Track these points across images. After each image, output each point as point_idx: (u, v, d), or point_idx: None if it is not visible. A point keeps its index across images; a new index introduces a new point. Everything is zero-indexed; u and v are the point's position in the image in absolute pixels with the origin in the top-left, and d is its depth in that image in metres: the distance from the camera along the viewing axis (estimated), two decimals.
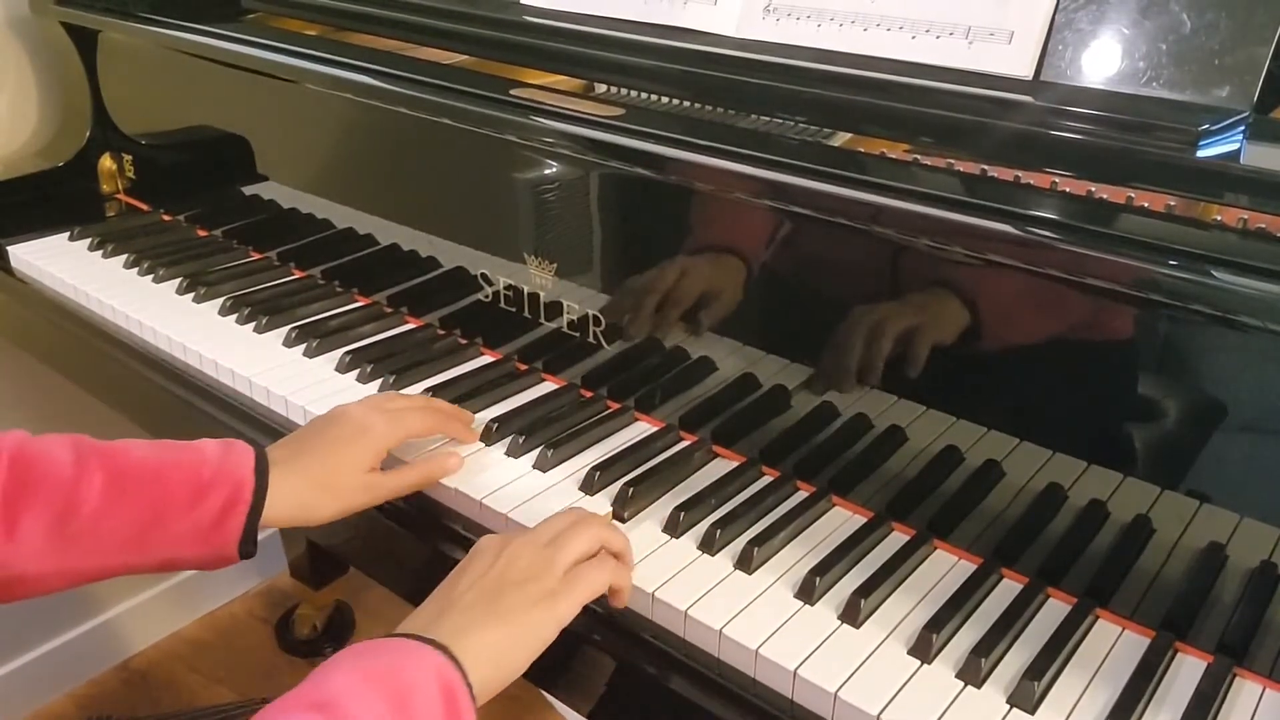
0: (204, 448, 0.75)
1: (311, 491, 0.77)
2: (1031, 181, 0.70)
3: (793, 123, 0.84)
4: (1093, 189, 0.68)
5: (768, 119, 0.85)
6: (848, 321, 0.77)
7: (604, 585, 0.69)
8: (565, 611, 0.67)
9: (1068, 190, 0.69)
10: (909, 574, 0.74)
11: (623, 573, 0.71)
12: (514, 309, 0.98)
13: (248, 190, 1.23)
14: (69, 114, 1.41)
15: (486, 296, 1.00)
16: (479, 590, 0.66)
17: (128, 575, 0.74)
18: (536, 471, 0.85)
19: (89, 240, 1.26)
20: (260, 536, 0.75)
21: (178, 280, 1.16)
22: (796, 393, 0.82)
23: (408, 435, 0.84)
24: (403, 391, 0.95)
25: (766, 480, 0.84)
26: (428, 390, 0.94)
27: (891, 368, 0.76)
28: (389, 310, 1.11)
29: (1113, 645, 0.68)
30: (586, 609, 0.72)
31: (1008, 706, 0.63)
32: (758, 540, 0.75)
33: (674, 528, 0.77)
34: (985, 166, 0.72)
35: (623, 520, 0.79)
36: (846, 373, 0.78)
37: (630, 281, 0.89)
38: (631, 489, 0.80)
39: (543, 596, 0.66)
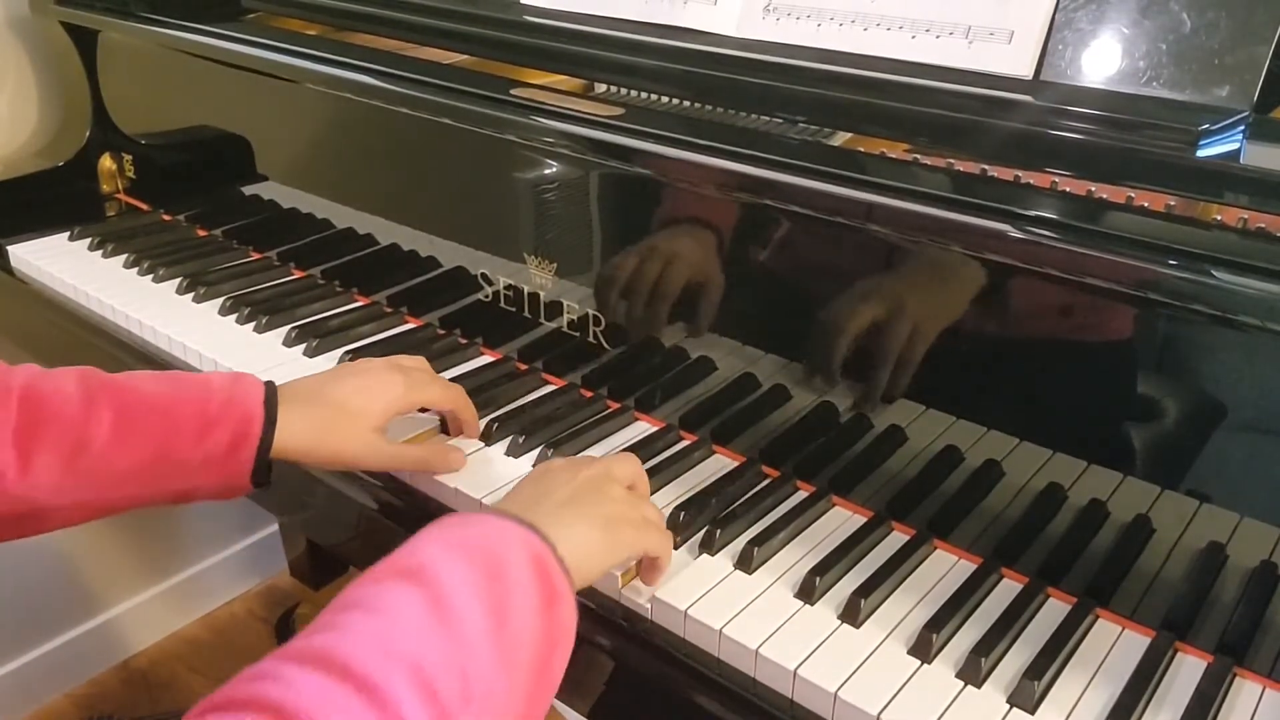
0: (212, 380, 0.77)
1: (317, 433, 0.77)
2: (1031, 181, 0.70)
3: (793, 123, 0.84)
4: (1093, 189, 0.68)
5: (768, 119, 0.85)
6: (847, 321, 0.77)
7: (665, 541, 0.71)
8: (644, 543, 0.69)
9: (1068, 190, 0.69)
10: (909, 574, 0.74)
11: (670, 548, 0.72)
12: (514, 309, 0.98)
13: (248, 190, 1.23)
14: (69, 114, 1.41)
15: (486, 296, 1.00)
16: (571, 493, 0.67)
17: (146, 506, 0.75)
18: None
19: (89, 240, 1.26)
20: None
21: (178, 280, 1.16)
22: (796, 392, 0.82)
23: (423, 403, 0.84)
24: None
25: (766, 480, 0.84)
26: None
27: (891, 367, 0.76)
28: (389, 310, 1.11)
29: (1113, 645, 0.68)
30: (585, 610, 0.72)
31: (1008, 706, 0.63)
32: (758, 540, 0.75)
33: (674, 528, 0.77)
34: (985, 166, 0.72)
35: None
36: (847, 372, 0.78)
37: (630, 280, 0.88)
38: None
39: (634, 520, 0.68)
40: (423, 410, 0.87)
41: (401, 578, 0.54)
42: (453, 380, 0.96)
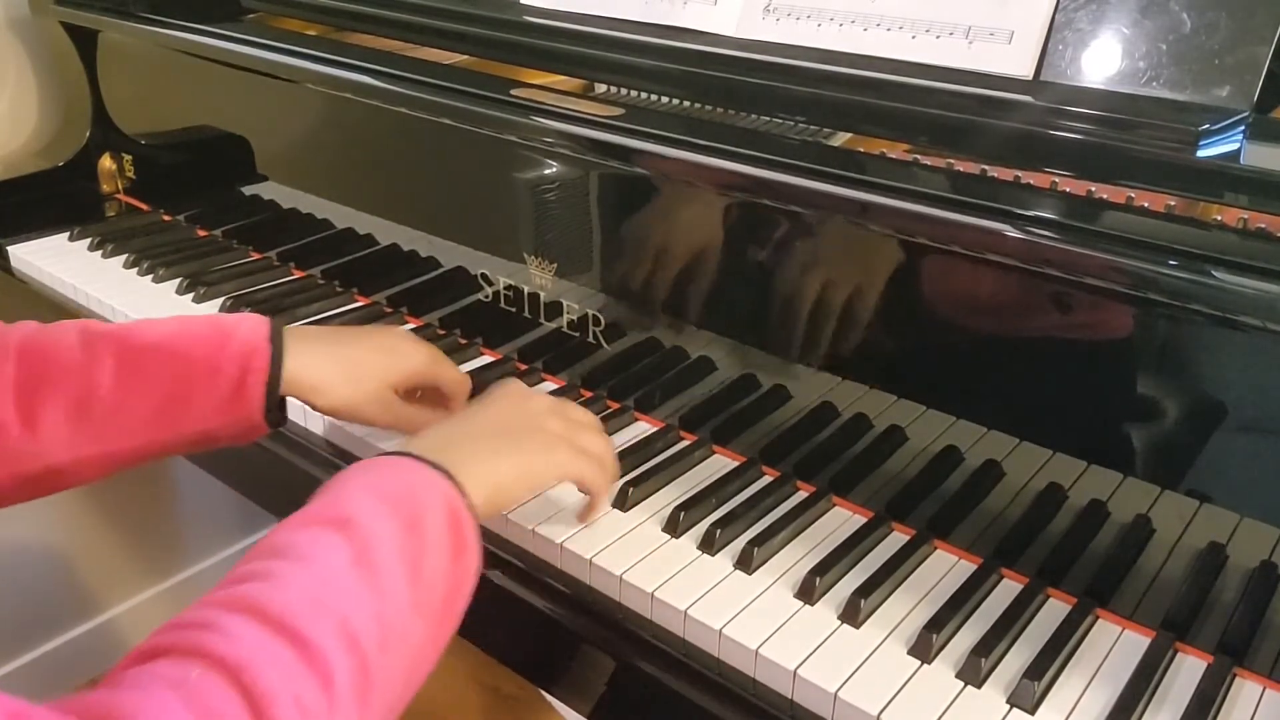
0: (214, 319, 0.77)
1: (330, 370, 0.77)
2: (1031, 181, 0.70)
3: (792, 123, 0.84)
4: (1092, 189, 0.68)
5: (768, 119, 0.85)
6: (847, 322, 0.77)
7: (600, 473, 0.73)
8: (566, 464, 0.71)
9: (1068, 190, 0.69)
10: (909, 574, 0.74)
11: (607, 484, 0.75)
12: (514, 309, 0.98)
13: (248, 190, 1.23)
14: (69, 114, 1.41)
15: (486, 296, 1.00)
16: (496, 424, 0.70)
17: (166, 455, 0.75)
18: None
19: (89, 240, 1.26)
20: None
21: (178, 280, 1.16)
22: (796, 392, 0.82)
23: (441, 380, 0.85)
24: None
25: (766, 480, 0.84)
26: None
27: (891, 367, 0.76)
28: (389, 310, 1.11)
29: (1113, 645, 0.68)
30: (586, 610, 0.72)
31: (1008, 706, 0.63)
32: (758, 540, 0.75)
33: (674, 528, 0.77)
34: (985, 166, 0.72)
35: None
36: (846, 372, 0.78)
37: (630, 281, 0.88)
38: (631, 489, 0.80)
39: (551, 444, 0.70)
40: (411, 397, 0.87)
41: (330, 527, 0.57)
42: None
